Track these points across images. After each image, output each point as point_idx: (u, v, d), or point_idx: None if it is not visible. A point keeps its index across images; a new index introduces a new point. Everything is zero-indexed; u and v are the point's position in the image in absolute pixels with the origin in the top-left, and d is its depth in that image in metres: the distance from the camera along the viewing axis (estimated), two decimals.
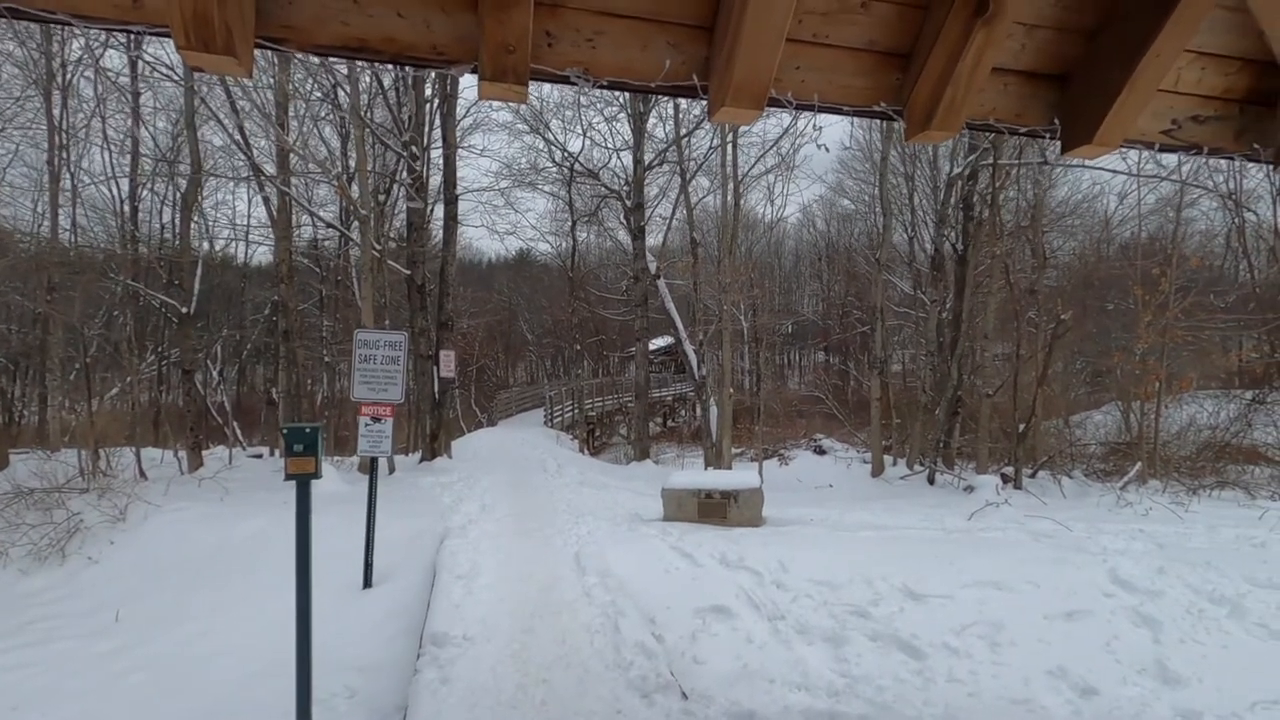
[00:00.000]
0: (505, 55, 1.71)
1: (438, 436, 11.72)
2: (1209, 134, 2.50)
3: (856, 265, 28.59)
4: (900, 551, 6.19)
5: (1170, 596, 5.09)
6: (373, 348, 6.06)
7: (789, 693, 4.03)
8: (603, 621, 4.55)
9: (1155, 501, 7.85)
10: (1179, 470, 9.95)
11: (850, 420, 23.26)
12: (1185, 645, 4.49)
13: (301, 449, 3.43)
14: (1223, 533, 6.79)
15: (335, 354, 14.19)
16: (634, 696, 3.54)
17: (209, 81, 11.86)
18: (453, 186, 12.29)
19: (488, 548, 6.34)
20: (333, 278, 20.32)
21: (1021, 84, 2.26)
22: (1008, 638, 4.67)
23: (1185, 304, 10.25)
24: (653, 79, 1.97)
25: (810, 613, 5.12)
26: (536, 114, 19.44)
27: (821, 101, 2.11)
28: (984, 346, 10.80)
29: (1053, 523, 7.12)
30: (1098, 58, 2.16)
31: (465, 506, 8.21)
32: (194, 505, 8.13)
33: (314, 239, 20.89)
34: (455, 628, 4.30)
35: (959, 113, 2.05)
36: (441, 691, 3.52)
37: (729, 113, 1.94)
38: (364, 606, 5.67)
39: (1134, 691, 4.05)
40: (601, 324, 30.86)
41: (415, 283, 11.69)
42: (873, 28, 2.05)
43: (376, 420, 6.03)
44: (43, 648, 5.49)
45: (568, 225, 24.18)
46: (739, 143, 14.60)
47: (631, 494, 9.67)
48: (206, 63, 1.62)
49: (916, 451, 12.18)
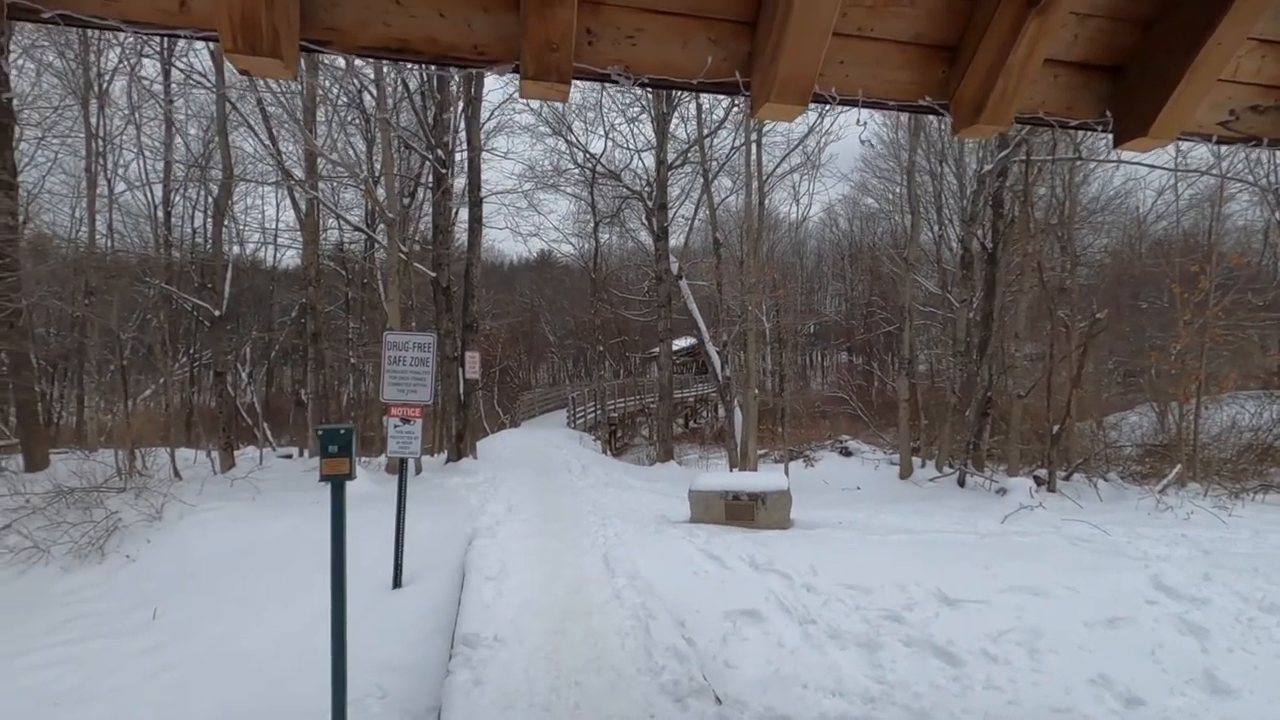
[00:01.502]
0: (549, 53, 1.69)
1: (463, 437, 11.79)
2: (1269, 124, 2.41)
3: (880, 265, 28.29)
4: (933, 555, 6.08)
5: (1217, 604, 4.94)
6: (402, 349, 6.10)
7: (823, 698, 3.97)
8: (633, 624, 4.52)
9: (1197, 505, 7.63)
10: (1219, 473, 9.66)
11: (875, 421, 23.01)
12: (1235, 655, 4.35)
13: (336, 450, 3.45)
14: (1269, 538, 6.58)
15: (361, 356, 14.34)
16: (667, 701, 3.51)
17: (240, 88, 12.08)
18: (477, 189, 12.36)
19: (516, 549, 6.35)
20: (358, 280, 20.60)
21: (1072, 75, 2.19)
22: (1047, 645, 4.56)
23: (1225, 302, 9.95)
24: (694, 76, 1.94)
25: (842, 617, 5.04)
26: (559, 115, 19.51)
27: (865, 96, 2.06)
28: (1015, 346, 10.58)
29: (1089, 526, 6.95)
30: (1155, 47, 2.08)
31: (492, 507, 8.24)
32: (227, 504, 8.27)
33: (340, 242, 21.19)
34: (487, 629, 4.30)
35: (1010, 105, 1.99)
36: (475, 693, 3.52)
37: (773, 109, 1.90)
38: (394, 607, 5.71)
39: (1181, 702, 3.93)
40: (624, 325, 30.89)
41: (441, 285, 11.78)
42: (919, 20, 2.00)
43: (406, 421, 6.07)
44: (81, 645, 5.60)
45: (589, 227, 24.20)
46: (763, 142, 14.50)
47: (657, 495, 9.63)
48: (253, 65, 1.62)
49: (946, 453, 11.98)
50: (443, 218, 11.95)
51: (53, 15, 1.58)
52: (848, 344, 41.65)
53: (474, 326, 12.29)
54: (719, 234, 16.61)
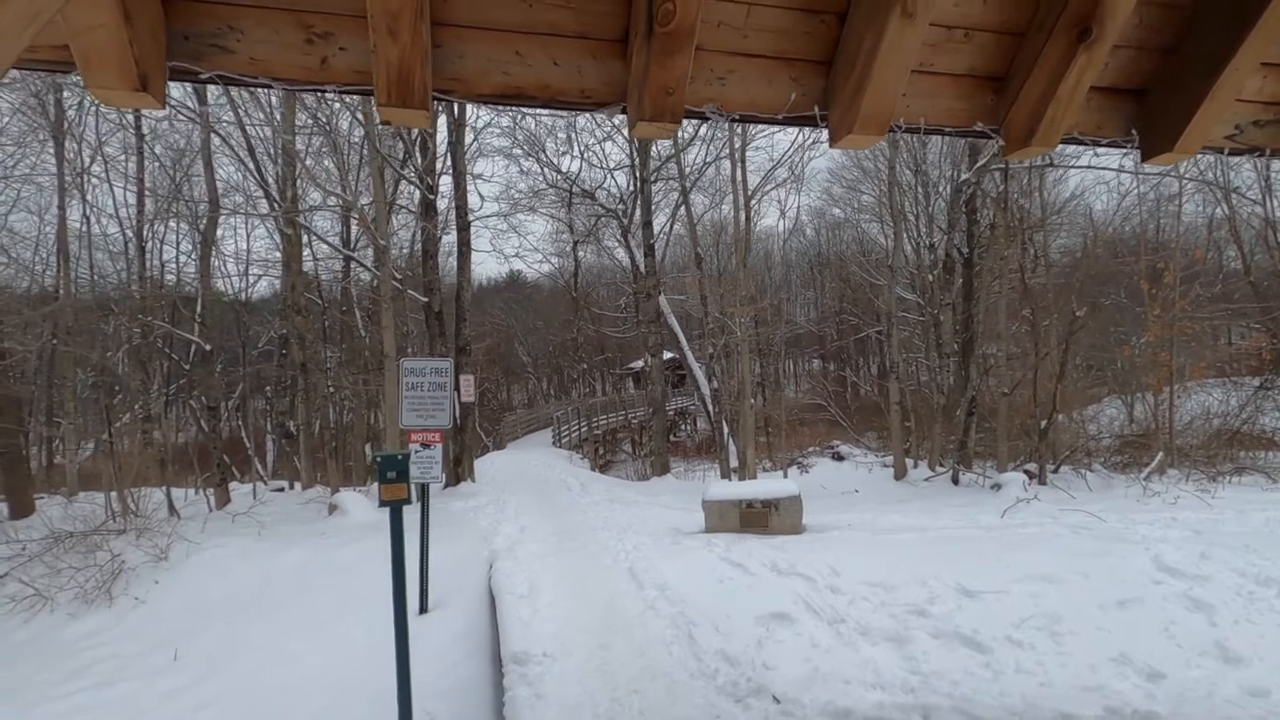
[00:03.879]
0: (665, 97, 1.85)
1: (461, 461, 11.77)
2: (1267, 137, 2.68)
3: (850, 272, 28.91)
4: (945, 551, 6.30)
5: (1218, 580, 5.23)
6: (419, 375, 6.17)
7: (866, 692, 4.12)
8: (675, 633, 4.63)
9: (1181, 490, 8.02)
10: (1195, 459, 10.14)
11: (854, 425, 23.43)
12: (1241, 626, 4.62)
13: (395, 476, 3.53)
14: (1253, 517, 6.95)
15: (355, 383, 14.23)
16: (728, 702, 3.63)
17: (219, 119, 12.03)
18: (465, 213, 12.46)
19: (539, 567, 6.41)
20: (336, 308, 20.42)
21: (1103, 99, 2.43)
22: (1067, 628, 4.78)
23: (1192, 296, 10.52)
24: (777, 111, 2.13)
25: (869, 614, 5.21)
26: (532, 138, 19.72)
27: (926, 124, 2.26)
28: (998, 347, 11.01)
29: (1086, 515, 7.26)
30: (1178, 72, 2.33)
31: (504, 528, 8.27)
32: (232, 541, 8.15)
33: (314, 270, 21.01)
34: (534, 646, 4.37)
35: (1058, 130, 2.21)
36: (539, 706, 3.59)
37: (853, 139, 2.09)
38: (425, 632, 5.71)
39: (1199, 673, 4.16)
40: (603, 342, 31.02)
41: (433, 310, 11.81)
42: (973, 55, 2.22)
43: (426, 446, 6.12)
44: (105, 690, 5.50)
45: (567, 246, 24.37)
46: (745, 158, 14.84)
47: (662, 508, 9.75)
48: (399, 116, 1.76)
49: (937, 453, 12.34)
50: (431, 243, 12.01)
51: (210, 76, 1.70)
52: (821, 351, 42.31)
53: (467, 349, 12.32)
54: (699, 248, 16.88)
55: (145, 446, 11.42)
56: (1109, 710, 3.48)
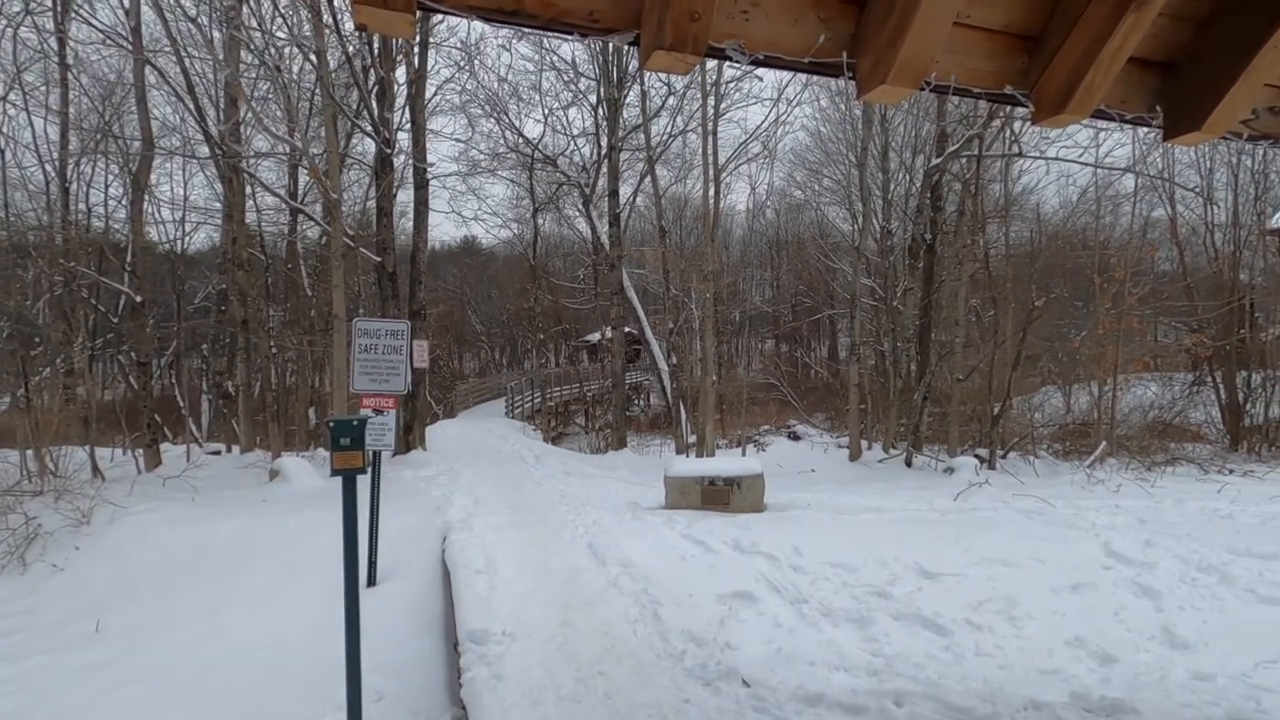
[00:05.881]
0: (689, 23, 1.63)
1: (412, 429, 11.37)
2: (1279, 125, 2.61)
3: (809, 255, 29.15)
4: (904, 533, 6.35)
5: (1163, 567, 5.39)
6: (374, 337, 5.83)
7: (831, 674, 4.07)
8: (639, 611, 4.51)
9: (1122, 479, 8.32)
10: (1132, 449, 10.57)
11: (805, 406, 23.78)
12: (1186, 612, 4.76)
13: (349, 443, 3.26)
14: (1190, 505, 7.24)
15: (301, 344, 13.55)
16: (696, 685, 3.52)
17: (154, 52, 11.12)
18: (423, 170, 11.88)
19: (496, 541, 6.20)
20: (281, 264, 19.44)
21: (1130, 70, 2.29)
22: (1023, 611, 4.85)
23: (1141, 293, 10.89)
24: (803, 55, 1.92)
25: (832, 595, 5.20)
26: (493, 97, 19.00)
27: (955, 83, 2.09)
28: (954, 333, 11.21)
29: (1036, 500, 7.44)
30: (1210, 47, 2.21)
31: (458, 500, 8.00)
32: (163, 506, 7.66)
33: (258, 222, 19.93)
34: (493, 624, 4.18)
35: (1094, 98, 2.07)
36: (500, 689, 3.41)
37: (886, 91, 1.90)
38: (373, 606, 5.45)
39: (1149, 658, 4.26)
40: (560, 313, 30.57)
41: (386, 270, 11.27)
42: (1012, 8, 2.05)
43: (380, 412, 5.81)
44: (18, 663, 5.08)
45: (527, 213, 23.74)
46: (717, 132, 14.58)
47: (621, 483, 9.62)
48: (378, 19, 1.48)
49: (892, 435, 12.56)
50: (387, 200, 11.41)
51: None
52: (775, 332, 42.73)
53: (421, 314, 11.85)
54: (663, 222, 16.63)
55: (67, 403, 10.62)
56: (1074, 695, 3.51)
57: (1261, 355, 13.07)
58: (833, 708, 3.42)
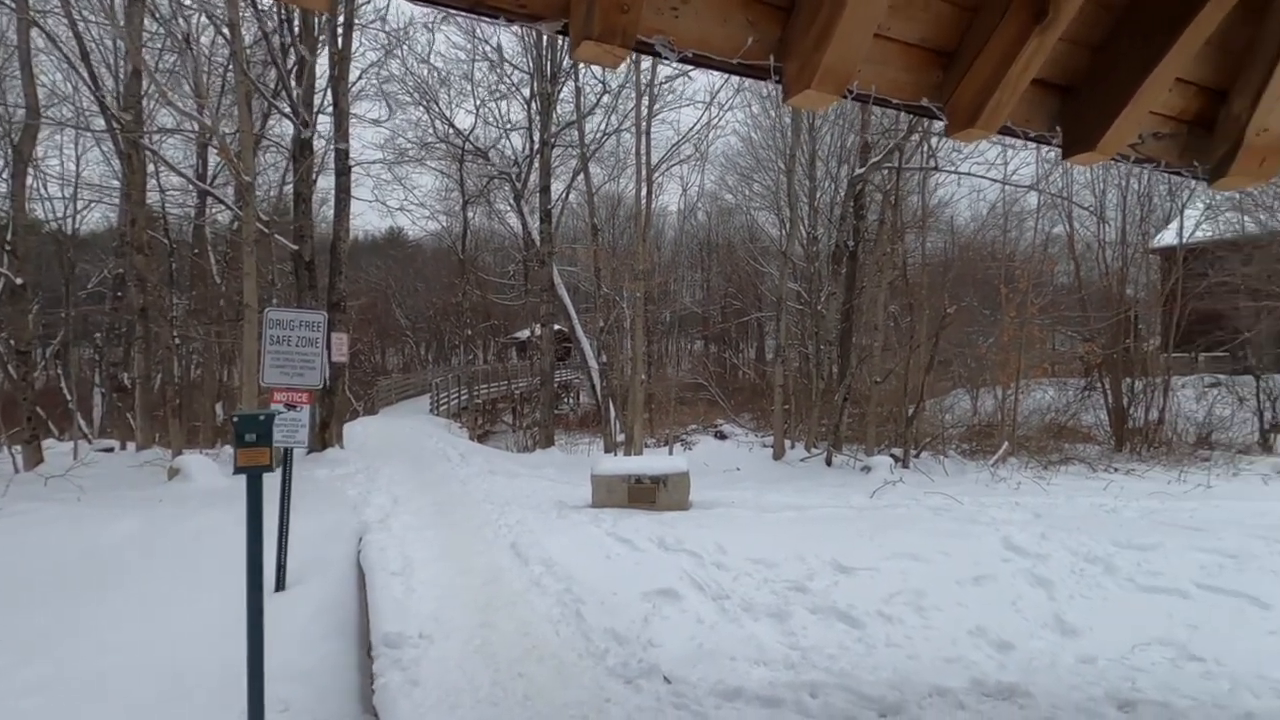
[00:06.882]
0: (619, 15, 1.61)
1: (329, 425, 10.89)
2: (1162, 149, 2.83)
3: (738, 258, 29.70)
4: (823, 530, 6.57)
5: (1055, 559, 5.78)
6: (287, 328, 5.54)
7: (751, 668, 4.15)
8: (561, 611, 4.47)
9: (1022, 477, 8.88)
10: (1031, 449, 11.30)
11: (732, 406, 24.24)
12: (1075, 601, 5.12)
13: (255, 439, 3.08)
14: (1080, 501, 7.80)
15: (208, 334, 12.72)
16: (618, 683, 3.51)
17: (41, 13, 10.21)
18: (345, 156, 11.37)
19: (415, 541, 6.01)
20: (186, 249, 18.26)
21: (1033, 91, 2.43)
22: (931, 603, 5.09)
23: (1042, 304, 11.68)
24: (731, 56, 1.94)
25: (753, 590, 5.30)
26: (422, 84, 18.44)
27: (875, 94, 2.16)
28: (873, 338, 11.70)
29: (944, 497, 7.83)
30: (1105, 73, 2.37)
31: (376, 499, 7.71)
32: (45, 507, 7.05)
33: (161, 203, 18.63)
34: (409, 626, 4.05)
35: (1001, 115, 2.18)
36: (415, 695, 3.30)
37: (810, 96, 1.94)
38: (281, 611, 5.17)
39: (1041, 644, 4.55)
40: (488, 309, 29.99)
41: (304, 259, 10.74)
42: (928, 24, 2.13)
43: (292, 408, 5.52)
44: None
45: (456, 205, 23.17)
46: (651, 131, 14.64)
47: (548, 482, 9.51)
48: None
49: (814, 435, 12.98)
50: (305, 185, 10.86)
51: None
52: (704, 332, 43.31)
53: (341, 305, 11.35)
54: (596, 219, 16.58)
55: None
56: (974, 682, 3.70)
57: (1143, 364, 14.27)
58: (751, 701, 3.48)
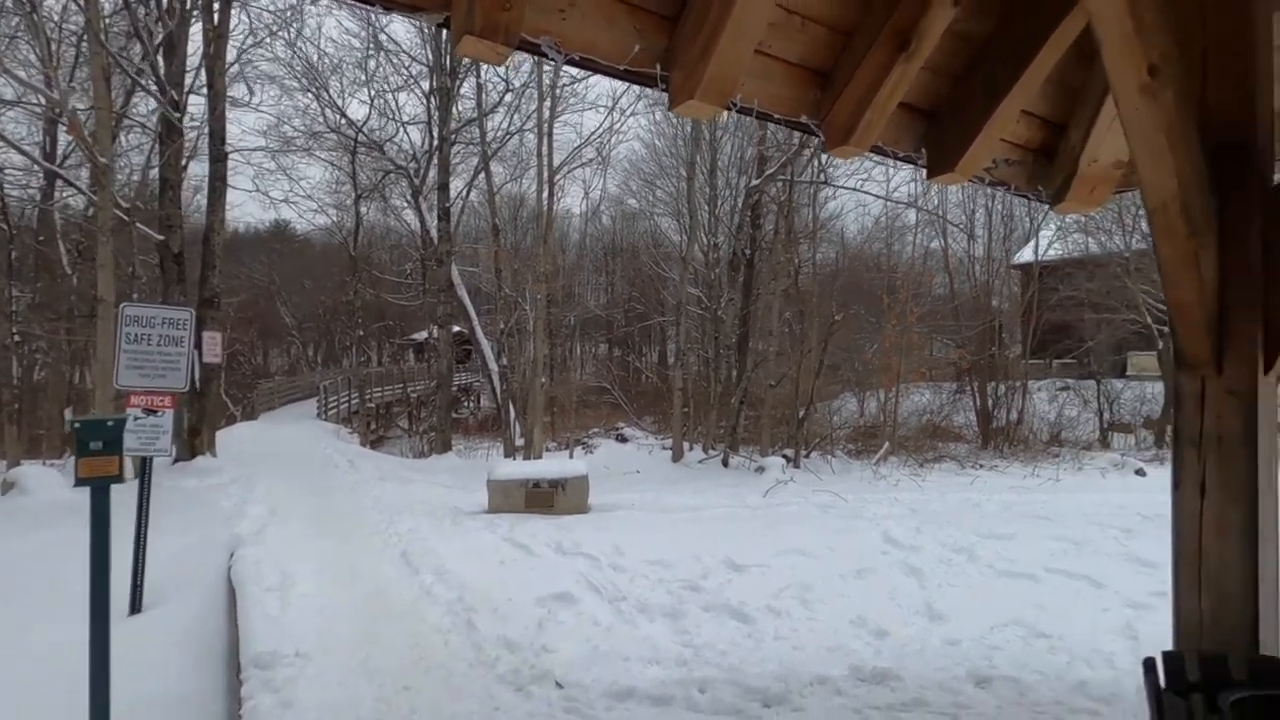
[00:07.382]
0: (500, 12, 1.59)
1: (199, 432, 10.03)
2: (1012, 174, 3.12)
3: (641, 263, 30.01)
4: (718, 529, 6.74)
5: (927, 550, 6.23)
6: (146, 326, 5.07)
7: (645, 668, 4.19)
8: (452, 620, 4.34)
9: (901, 474, 9.51)
10: (909, 448, 12.13)
11: (635, 409, 24.47)
12: (942, 588, 5.52)
13: (101, 447, 2.79)
14: (950, 496, 8.44)
15: (55, 331, 11.37)
16: (508, 691, 3.45)
17: None
18: (221, 141, 10.54)
19: (294, 554, 5.65)
20: (30, 235, 16.32)
21: (901, 114, 2.61)
22: (816, 596, 5.34)
23: (921, 313, 12.58)
24: (618, 61, 1.96)
25: (649, 591, 5.37)
26: (311, 70, 17.43)
27: (759, 107, 2.25)
28: (768, 343, 12.16)
29: (831, 495, 8.24)
30: (965, 100, 2.58)
31: (252, 510, 7.17)
32: None
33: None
34: (284, 645, 3.79)
35: (872, 134, 2.33)
36: (288, 717, 3.10)
37: (694, 106, 1.99)
38: (136, 635, 4.71)
39: (913, 630, 4.87)
40: (383, 308, 28.71)
41: (171, 250, 9.84)
42: (806, 45, 2.25)
43: (151, 412, 5.05)
44: None
45: (348, 200, 22.04)
46: (553, 133, 14.51)
47: (443, 488, 9.21)
48: None
49: (711, 437, 13.33)
50: (173, 171, 9.97)
51: None
52: (608, 336, 43.42)
53: (214, 302, 10.50)
54: (497, 220, 16.28)
55: None
56: (853, 669, 3.90)
57: (1005, 369, 15.70)
58: (642, 700, 3.51)
